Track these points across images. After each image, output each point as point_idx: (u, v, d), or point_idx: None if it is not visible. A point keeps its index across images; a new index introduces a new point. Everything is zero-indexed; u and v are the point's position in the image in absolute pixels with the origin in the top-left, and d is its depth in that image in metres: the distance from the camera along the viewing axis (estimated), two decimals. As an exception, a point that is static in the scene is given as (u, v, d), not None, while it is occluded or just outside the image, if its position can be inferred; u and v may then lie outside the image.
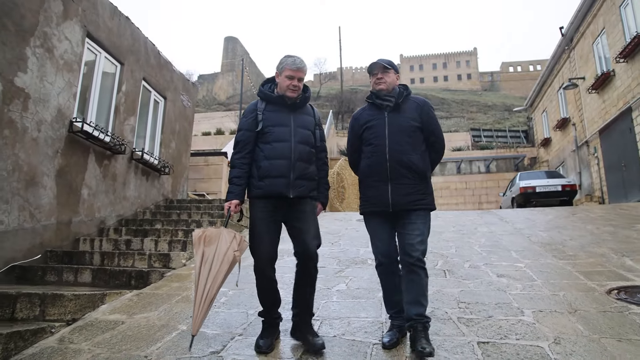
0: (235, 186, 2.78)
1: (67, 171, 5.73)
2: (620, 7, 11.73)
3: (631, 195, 11.49)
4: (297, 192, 2.76)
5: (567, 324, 2.85)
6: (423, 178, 2.77)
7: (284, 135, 2.81)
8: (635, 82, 11.03)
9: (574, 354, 2.42)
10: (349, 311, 3.32)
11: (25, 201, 5.02)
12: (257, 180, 2.79)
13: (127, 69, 7.23)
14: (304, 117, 2.94)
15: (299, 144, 2.82)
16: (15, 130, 4.89)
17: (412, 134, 2.79)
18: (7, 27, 4.80)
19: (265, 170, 2.76)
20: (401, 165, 2.72)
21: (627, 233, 6.12)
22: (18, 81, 4.93)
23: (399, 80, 2.98)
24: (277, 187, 2.73)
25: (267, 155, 2.78)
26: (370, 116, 2.90)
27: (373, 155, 2.80)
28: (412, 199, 2.70)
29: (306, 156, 2.85)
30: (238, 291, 3.86)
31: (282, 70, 2.87)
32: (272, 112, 2.88)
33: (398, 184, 2.71)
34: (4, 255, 4.70)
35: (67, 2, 5.75)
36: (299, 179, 2.78)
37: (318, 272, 2.86)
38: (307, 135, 2.89)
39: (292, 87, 2.85)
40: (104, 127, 6.46)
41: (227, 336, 2.93)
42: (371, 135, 2.84)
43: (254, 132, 2.84)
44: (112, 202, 6.75)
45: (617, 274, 4.03)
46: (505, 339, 2.65)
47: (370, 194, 2.81)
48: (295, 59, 2.87)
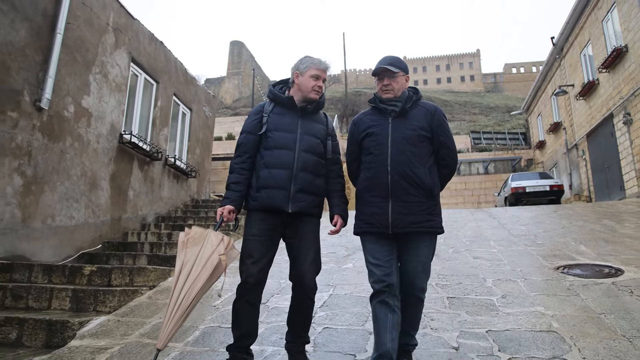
0: (232, 192, 2.53)
1: (117, 176, 6.84)
2: (602, 22, 12.76)
3: (614, 194, 12.50)
4: (297, 206, 2.49)
5: (515, 287, 3.92)
6: (430, 196, 2.40)
7: (288, 141, 2.56)
8: (615, 91, 12.05)
9: (513, 303, 3.49)
10: (355, 279, 4.40)
11: (89, 201, 6.13)
12: (254, 191, 2.54)
13: (162, 87, 8.35)
14: (314, 125, 2.68)
15: (303, 153, 2.55)
16: (82, 143, 6.00)
17: (419, 144, 2.43)
18: (77, 60, 5.91)
19: (263, 180, 2.51)
20: (404, 179, 2.37)
21: (593, 226, 7.15)
22: (84, 103, 6.05)
23: (409, 82, 2.62)
24: (274, 200, 2.47)
25: (267, 163, 2.54)
26: (372, 121, 2.55)
27: (373, 166, 2.44)
28: (416, 219, 2.34)
29: (312, 167, 2.57)
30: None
31: (306, 69, 2.64)
32: (279, 115, 2.64)
33: (400, 202, 2.36)
34: (75, 244, 5.82)
35: (117, 33, 6.87)
36: (301, 192, 2.51)
37: (315, 303, 2.59)
38: (314, 143, 2.62)
39: (317, 89, 2.64)
40: (144, 137, 7.57)
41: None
42: (372, 143, 2.49)
43: (257, 135, 2.61)
44: (151, 202, 7.86)
45: (569, 256, 5.08)
46: (467, 296, 3.73)
47: (368, 211, 2.44)
48: (320, 58, 2.67)
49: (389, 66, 2.50)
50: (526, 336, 2.82)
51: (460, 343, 2.76)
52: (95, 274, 4.28)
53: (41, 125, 5.24)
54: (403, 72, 2.55)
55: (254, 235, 2.48)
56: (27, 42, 5.06)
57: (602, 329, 2.89)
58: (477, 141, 29.49)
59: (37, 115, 5.19)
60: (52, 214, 5.41)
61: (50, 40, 5.35)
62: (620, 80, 11.72)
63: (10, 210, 4.80)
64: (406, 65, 2.59)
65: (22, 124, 4.95)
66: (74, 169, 5.80)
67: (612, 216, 8.06)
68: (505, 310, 3.32)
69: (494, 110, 53.40)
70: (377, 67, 2.54)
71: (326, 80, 2.71)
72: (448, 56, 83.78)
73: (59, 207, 5.54)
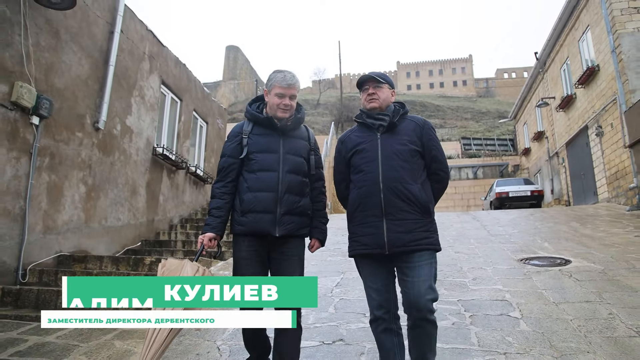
0: (213, 217, 2.50)
1: (151, 183, 7.92)
2: (578, 42, 14.00)
3: (588, 199, 13.72)
4: (284, 230, 2.44)
5: (484, 273, 5.06)
6: (426, 212, 2.33)
7: (271, 163, 2.49)
8: (589, 105, 13.28)
9: (480, 283, 4.62)
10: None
11: (131, 205, 7.21)
12: (239, 215, 2.49)
13: (184, 104, 9.44)
14: (296, 142, 2.61)
15: (288, 174, 2.49)
16: (126, 156, 7.09)
17: (410, 159, 2.38)
18: (122, 86, 7.00)
19: (248, 204, 2.46)
20: (398, 196, 2.30)
21: (560, 227, 8.33)
22: (127, 121, 7.13)
23: (395, 97, 2.59)
24: (261, 225, 2.43)
25: (251, 187, 2.48)
26: (360, 138, 2.50)
27: (364, 184, 2.38)
28: (413, 237, 2.26)
29: (297, 188, 2.52)
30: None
31: (271, 87, 2.55)
32: (259, 136, 2.56)
33: (395, 220, 2.28)
34: (121, 242, 6.89)
35: (151, 60, 7.96)
36: (287, 214, 2.46)
37: (302, 330, 2.53)
38: (298, 163, 2.56)
39: (283, 107, 2.53)
40: (171, 149, 8.66)
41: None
42: (361, 160, 2.43)
43: (238, 159, 2.53)
44: (176, 205, 8.94)
45: (533, 251, 6.22)
46: (446, 278, 4.86)
47: (361, 232, 2.36)
48: (286, 74, 2.56)
49: (374, 75, 2.53)
50: (485, 303, 3.96)
51: (437, 307, 3.88)
52: (155, 263, 5.36)
53: (98, 143, 6.33)
54: (389, 85, 2.54)
55: (245, 259, 2.46)
56: (89, 75, 6.14)
57: (540, 298, 4.03)
58: (467, 147, 30.77)
59: (95, 134, 6.27)
60: (105, 216, 6.49)
61: (104, 71, 6.44)
62: (593, 95, 12.95)
63: (77, 213, 5.88)
64: (392, 81, 2.60)
65: (85, 142, 6.04)
66: (120, 178, 6.88)
67: (579, 219, 9.24)
68: (473, 288, 4.46)
69: (485, 115, 54.76)
70: (362, 77, 2.54)
71: (295, 96, 2.58)
72: (441, 61, 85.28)
73: (110, 210, 6.61)
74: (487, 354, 2.89)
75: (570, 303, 3.85)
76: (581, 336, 3.11)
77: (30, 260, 5.03)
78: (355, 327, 3.48)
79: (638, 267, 4.84)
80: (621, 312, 3.51)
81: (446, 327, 3.39)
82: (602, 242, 6.56)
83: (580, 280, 4.51)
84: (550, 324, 3.38)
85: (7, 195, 4.75)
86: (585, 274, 4.76)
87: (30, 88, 4.93)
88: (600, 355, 2.80)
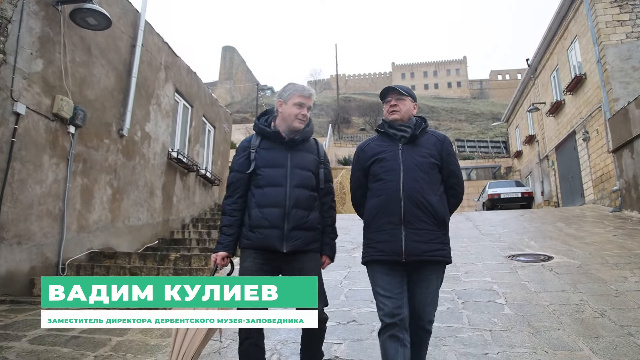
0: (225, 236, 2.52)
1: (166, 185, 8.47)
2: (567, 50, 14.68)
3: (576, 201, 14.40)
4: (292, 245, 2.43)
5: (475, 267, 5.66)
6: (442, 224, 2.39)
7: (278, 178, 2.49)
8: (577, 111, 13.96)
9: (471, 276, 5.22)
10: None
11: (149, 206, 7.76)
12: (247, 230, 2.50)
13: (195, 110, 9.99)
14: (305, 155, 2.60)
15: (295, 189, 2.49)
16: (145, 160, 7.64)
17: (430, 172, 2.42)
18: (142, 95, 7.55)
19: (256, 219, 2.46)
20: (417, 206, 2.34)
21: (547, 227, 8.96)
22: (146, 128, 7.69)
23: (416, 110, 2.63)
24: (268, 240, 2.42)
25: (259, 202, 2.48)
26: (380, 147, 2.52)
27: (383, 192, 2.41)
28: (429, 247, 2.31)
29: (305, 203, 2.51)
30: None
31: (289, 97, 2.56)
32: (267, 150, 2.56)
33: (414, 229, 2.32)
34: (141, 240, 7.44)
35: (167, 70, 8.52)
36: (295, 229, 2.45)
37: (325, 336, 2.59)
38: (306, 177, 2.55)
39: (302, 117, 2.55)
40: (183, 153, 9.21)
41: None
42: (382, 169, 2.45)
43: (246, 174, 2.54)
44: (188, 206, 9.49)
45: (519, 249, 6.84)
46: (442, 272, 5.45)
47: (379, 238, 2.38)
48: (304, 85, 2.64)
49: (397, 87, 2.57)
50: (476, 292, 4.56)
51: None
52: (179, 259, 5.93)
53: (122, 148, 6.88)
54: (411, 98, 2.58)
55: (250, 271, 2.44)
56: (114, 86, 6.70)
57: (523, 288, 4.64)
58: (462, 149, 31.50)
59: (120, 141, 6.83)
60: (127, 216, 7.04)
61: (128, 82, 7.00)
62: (580, 102, 13.63)
63: (105, 213, 6.43)
64: (414, 94, 2.65)
65: (112, 148, 6.59)
66: (140, 181, 7.43)
67: (565, 219, 9.88)
68: (465, 280, 5.07)
69: (479, 117, 55.53)
70: (385, 88, 2.59)
71: (311, 108, 2.62)
72: (435, 62, 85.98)
73: (131, 210, 7.17)
74: (476, 331, 3.49)
75: (549, 292, 4.46)
76: (554, 317, 3.72)
77: (67, 256, 5.58)
78: (365, 311, 4.07)
79: (611, 263, 5.47)
80: (590, 299, 4.12)
81: (442, 311, 3.96)
82: (583, 240, 7.19)
83: (559, 274, 5.13)
84: (530, 309, 3.98)
85: (49, 197, 5.30)
86: (564, 268, 5.38)
87: (68, 100, 5.48)
88: (568, 331, 3.40)
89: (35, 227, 5.10)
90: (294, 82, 2.65)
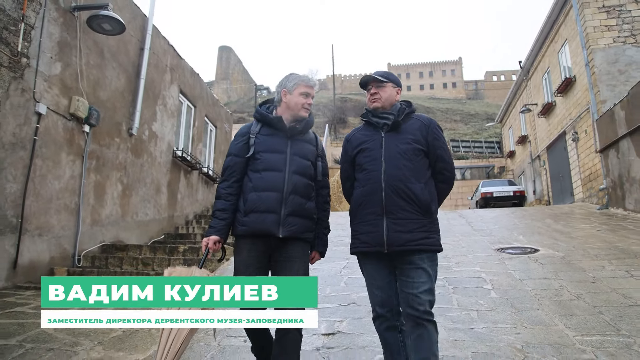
0: (218, 220, 2.47)
1: (171, 182, 8.81)
2: (558, 53, 15.13)
3: (566, 199, 14.85)
4: (288, 231, 2.41)
5: (466, 259, 6.05)
6: (427, 212, 2.32)
7: (277, 163, 2.48)
8: (567, 113, 14.40)
9: (462, 266, 5.60)
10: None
11: (156, 202, 8.10)
12: (242, 215, 2.45)
13: (198, 110, 10.34)
14: (304, 145, 2.61)
15: (294, 175, 2.48)
16: (152, 158, 7.98)
17: (414, 158, 2.37)
18: (149, 96, 7.89)
19: (252, 203, 2.43)
20: (398, 195, 2.30)
21: (536, 224, 9.37)
22: (153, 127, 8.03)
23: (400, 95, 2.57)
24: (264, 225, 2.39)
25: (256, 186, 2.45)
26: (364, 137, 2.50)
27: (367, 183, 2.39)
28: (412, 237, 2.25)
29: (302, 189, 2.50)
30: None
31: (294, 86, 2.58)
32: (267, 137, 2.57)
33: (395, 219, 2.28)
34: (149, 234, 7.78)
35: (172, 71, 8.86)
36: (292, 215, 2.43)
37: (302, 338, 2.41)
38: (305, 165, 2.55)
39: (307, 106, 2.59)
40: (187, 151, 9.55)
41: None
42: (365, 159, 2.43)
43: (244, 158, 2.53)
44: (191, 203, 9.84)
45: (508, 242, 7.23)
46: (435, 263, 5.84)
47: (362, 229, 2.38)
48: (307, 75, 2.69)
49: (375, 75, 2.52)
50: (465, 280, 4.94)
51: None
52: (187, 251, 6.28)
53: (131, 147, 7.22)
54: (393, 83, 2.52)
55: (246, 264, 2.42)
56: (124, 88, 7.04)
57: (509, 277, 5.02)
58: (456, 149, 31.95)
59: (129, 140, 7.17)
60: (136, 211, 7.38)
61: (136, 84, 7.34)
62: (570, 104, 14.08)
63: (115, 209, 6.77)
64: (397, 79, 2.58)
65: (122, 146, 6.93)
66: (147, 178, 7.77)
67: (554, 217, 10.30)
68: (456, 269, 5.45)
69: (474, 117, 56.04)
70: (364, 77, 2.52)
71: (313, 97, 2.65)
72: (431, 63, 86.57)
73: (140, 206, 7.51)
74: (464, 311, 3.87)
75: (532, 279, 4.85)
76: (535, 300, 4.11)
77: (82, 248, 5.92)
78: (363, 295, 4.40)
79: (592, 254, 5.87)
80: (569, 285, 4.52)
81: (434, 295, 4.36)
82: (568, 235, 7.60)
83: (543, 264, 5.52)
84: (514, 293, 4.37)
85: (67, 192, 5.64)
86: (548, 259, 5.78)
87: (84, 101, 5.82)
88: (546, 311, 3.79)
89: (54, 220, 5.44)
90: (296, 73, 2.67)
